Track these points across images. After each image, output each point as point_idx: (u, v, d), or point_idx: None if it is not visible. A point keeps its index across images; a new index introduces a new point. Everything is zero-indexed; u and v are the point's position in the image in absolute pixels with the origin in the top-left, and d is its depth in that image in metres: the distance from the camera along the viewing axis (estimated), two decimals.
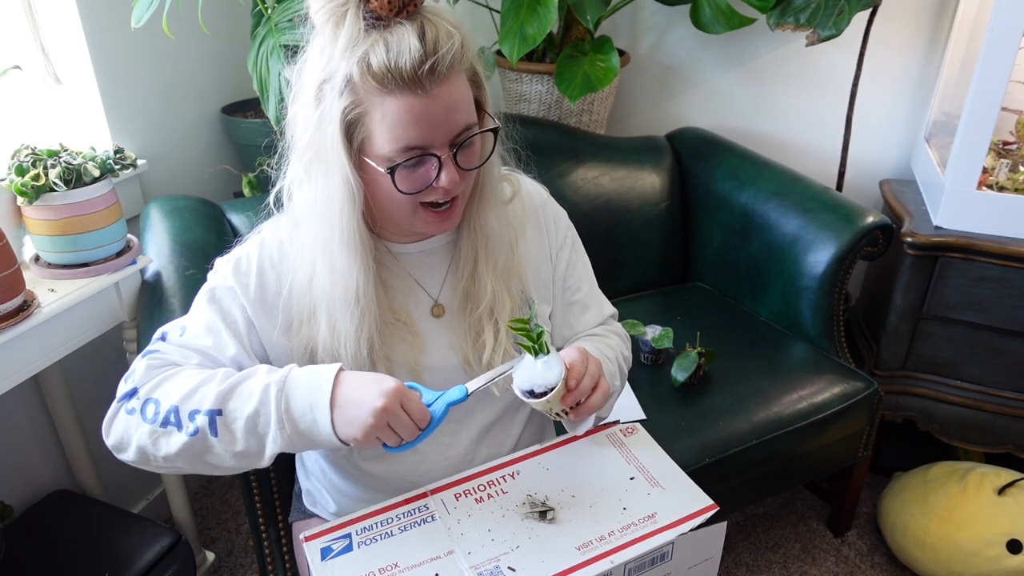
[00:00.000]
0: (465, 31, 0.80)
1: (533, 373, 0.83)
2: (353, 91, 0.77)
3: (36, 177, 1.19)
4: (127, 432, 0.81)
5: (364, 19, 0.75)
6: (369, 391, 0.78)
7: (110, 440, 0.83)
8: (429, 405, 0.83)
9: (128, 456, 0.82)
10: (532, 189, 1.03)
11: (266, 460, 0.81)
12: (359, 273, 0.84)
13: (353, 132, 0.79)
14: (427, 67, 0.75)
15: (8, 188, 1.21)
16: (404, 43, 0.74)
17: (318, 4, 0.77)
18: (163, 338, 0.88)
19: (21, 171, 1.20)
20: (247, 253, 0.91)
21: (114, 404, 0.83)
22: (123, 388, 0.83)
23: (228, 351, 0.87)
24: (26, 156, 1.22)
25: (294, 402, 0.79)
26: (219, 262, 0.92)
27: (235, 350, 0.87)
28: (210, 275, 0.92)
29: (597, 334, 1.06)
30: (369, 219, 0.88)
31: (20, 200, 1.21)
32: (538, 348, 0.82)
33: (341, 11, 0.75)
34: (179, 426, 0.79)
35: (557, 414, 0.88)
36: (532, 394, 0.84)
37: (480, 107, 0.85)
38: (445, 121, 0.78)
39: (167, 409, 0.79)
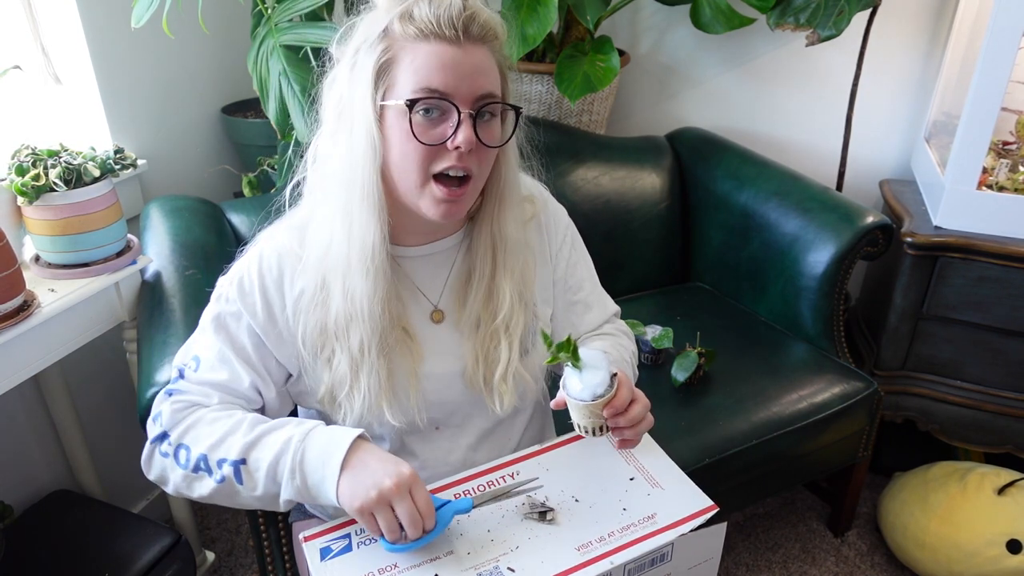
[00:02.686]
0: (503, 31, 0.85)
1: (582, 381, 0.83)
2: (388, 38, 0.80)
3: (36, 177, 1.19)
4: (164, 472, 0.87)
5: None
6: (383, 467, 0.79)
7: (151, 476, 0.88)
8: (436, 509, 0.82)
9: (168, 490, 0.87)
10: (532, 189, 1.03)
11: (282, 505, 0.84)
12: (375, 232, 0.84)
13: (380, 80, 0.81)
14: (465, 19, 0.79)
15: (8, 188, 1.21)
16: (447, 1, 0.79)
17: None
18: (181, 375, 0.90)
19: (21, 171, 1.20)
20: (247, 272, 0.90)
21: (148, 445, 0.88)
22: (153, 430, 0.87)
23: (243, 382, 0.89)
24: (26, 156, 1.22)
25: (309, 455, 0.81)
26: (222, 284, 0.91)
27: (249, 379, 0.89)
28: (214, 298, 0.91)
29: (609, 333, 1.06)
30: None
31: (20, 200, 1.21)
32: (576, 358, 0.82)
33: None
34: (209, 472, 0.83)
35: (595, 430, 0.85)
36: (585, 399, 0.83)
37: (503, 97, 0.87)
38: (471, 76, 0.80)
39: (197, 456, 0.84)
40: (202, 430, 0.85)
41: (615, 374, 0.84)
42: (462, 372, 0.94)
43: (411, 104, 0.80)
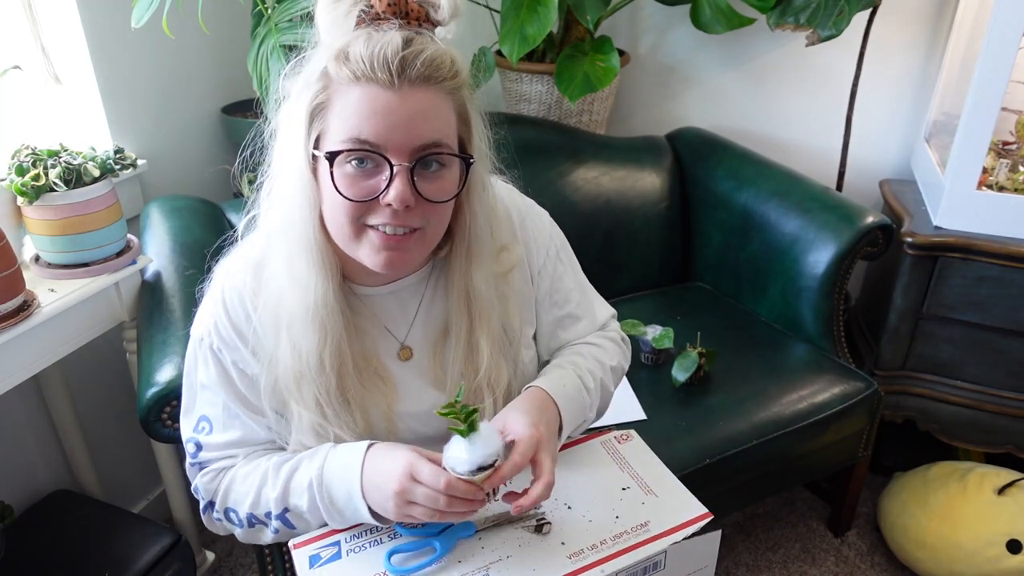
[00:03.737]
0: (462, 66, 0.76)
1: (463, 453, 0.75)
2: (324, 78, 0.74)
3: (36, 177, 1.19)
4: (228, 529, 0.90)
5: (358, 17, 0.73)
6: (385, 476, 0.78)
7: (220, 534, 0.93)
8: (437, 533, 0.81)
9: (241, 540, 0.92)
10: (511, 203, 0.95)
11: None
12: (317, 280, 0.79)
13: (313, 124, 0.75)
14: (401, 60, 0.71)
15: (8, 188, 1.21)
16: (387, 38, 0.71)
17: (324, 4, 0.75)
18: (199, 446, 0.89)
19: (21, 171, 1.20)
20: (219, 318, 0.85)
21: (203, 513, 0.91)
22: (200, 499, 0.91)
23: (258, 432, 0.88)
24: (26, 156, 1.22)
25: (335, 495, 0.81)
26: (201, 332, 0.86)
27: (261, 427, 0.88)
28: (198, 348, 0.87)
29: (589, 342, 1.00)
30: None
31: (20, 200, 1.21)
32: (469, 428, 0.76)
33: (341, 11, 0.73)
34: (264, 524, 0.86)
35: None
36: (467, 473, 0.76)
37: (463, 147, 0.80)
38: (407, 125, 0.72)
39: (245, 515, 0.87)
40: (239, 491, 0.87)
41: (494, 462, 0.77)
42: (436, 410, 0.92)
43: (332, 157, 0.73)
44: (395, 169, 0.73)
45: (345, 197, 0.74)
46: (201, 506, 0.91)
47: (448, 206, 0.80)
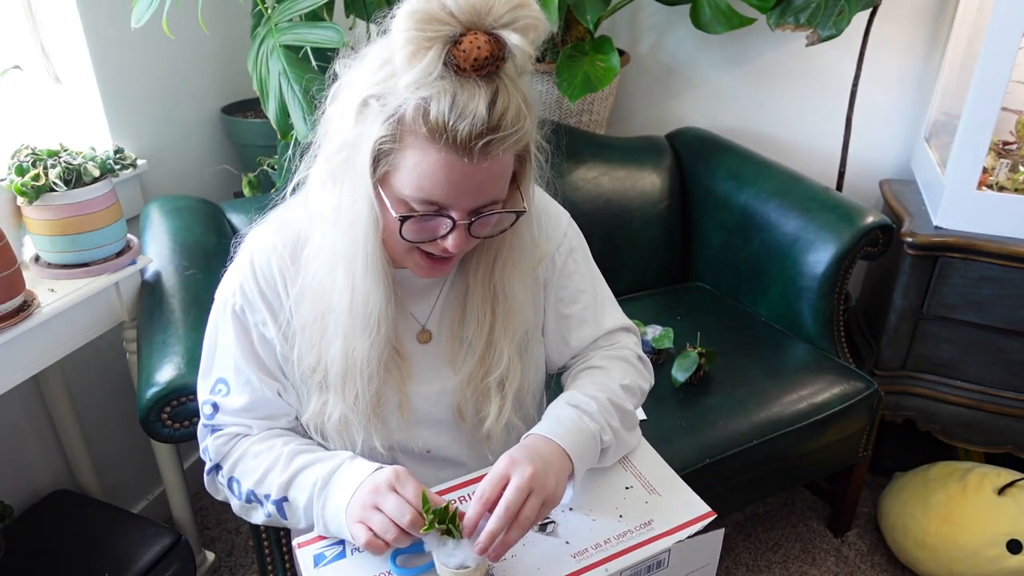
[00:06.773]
0: (534, 110, 0.76)
1: (448, 553, 0.75)
2: (399, 124, 0.73)
3: (36, 177, 1.19)
4: (227, 497, 0.92)
5: (444, 63, 0.69)
6: (370, 480, 0.80)
7: (218, 498, 0.94)
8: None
9: (234, 511, 0.93)
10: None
11: None
12: (382, 300, 0.82)
13: (380, 160, 0.75)
14: (483, 142, 0.71)
15: (8, 188, 1.21)
16: (471, 106, 0.70)
17: (406, 23, 0.69)
18: (216, 407, 0.90)
19: (21, 171, 1.20)
20: (246, 280, 0.88)
21: (206, 475, 0.93)
22: (206, 460, 0.92)
23: (268, 396, 0.90)
24: (26, 156, 1.22)
25: (328, 511, 0.82)
26: (225, 293, 0.89)
27: (272, 392, 0.90)
28: (220, 309, 0.90)
29: (594, 366, 0.98)
30: None
31: (20, 200, 1.21)
32: (454, 529, 0.75)
33: (426, 44, 0.69)
34: (260, 504, 0.88)
35: None
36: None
37: (516, 181, 0.82)
38: (476, 192, 0.76)
39: (247, 491, 0.88)
40: (248, 465, 0.89)
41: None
42: (447, 394, 0.93)
43: (403, 219, 0.76)
44: (456, 224, 0.77)
45: (406, 240, 0.79)
46: (207, 467, 0.92)
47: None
